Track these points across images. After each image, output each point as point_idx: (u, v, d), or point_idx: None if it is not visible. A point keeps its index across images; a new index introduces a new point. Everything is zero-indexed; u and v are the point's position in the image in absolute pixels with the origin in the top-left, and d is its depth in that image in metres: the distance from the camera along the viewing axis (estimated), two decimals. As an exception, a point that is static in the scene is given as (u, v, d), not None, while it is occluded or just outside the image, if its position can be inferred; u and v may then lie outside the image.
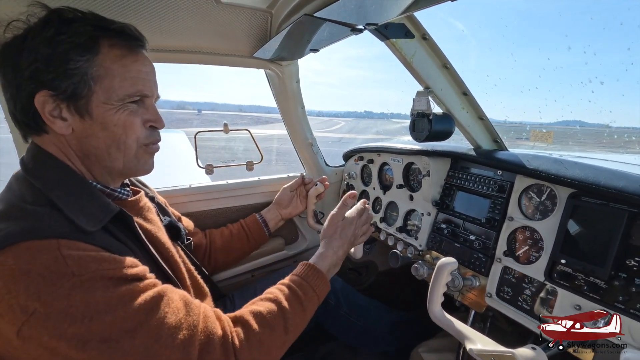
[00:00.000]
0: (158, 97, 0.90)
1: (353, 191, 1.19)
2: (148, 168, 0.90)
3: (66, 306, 0.60)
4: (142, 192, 1.01)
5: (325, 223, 1.12)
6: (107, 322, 0.63)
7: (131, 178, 1.08)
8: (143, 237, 0.84)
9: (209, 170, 1.73)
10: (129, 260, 0.72)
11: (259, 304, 0.89)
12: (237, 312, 0.87)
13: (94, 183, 0.83)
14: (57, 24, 0.73)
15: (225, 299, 1.40)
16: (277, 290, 0.94)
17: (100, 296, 0.63)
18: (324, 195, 1.66)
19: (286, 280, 0.98)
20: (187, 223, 1.37)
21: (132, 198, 0.94)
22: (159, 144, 0.92)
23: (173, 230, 1.09)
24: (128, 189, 0.96)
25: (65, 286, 0.61)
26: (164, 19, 1.14)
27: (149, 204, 1.01)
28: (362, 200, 1.19)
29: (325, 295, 1.00)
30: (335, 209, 1.13)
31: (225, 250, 1.44)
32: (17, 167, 1.34)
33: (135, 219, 0.90)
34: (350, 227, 1.10)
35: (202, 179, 2.12)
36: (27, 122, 0.77)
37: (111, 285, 0.65)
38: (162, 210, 1.13)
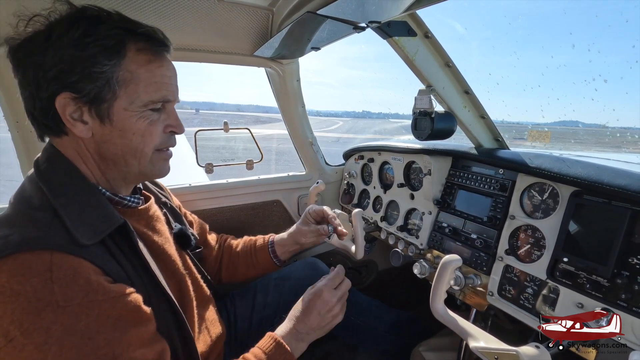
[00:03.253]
0: (178, 101, 0.88)
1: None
2: (163, 172, 0.89)
3: (43, 341, 0.60)
4: (153, 199, 0.99)
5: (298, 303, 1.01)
6: (81, 350, 0.63)
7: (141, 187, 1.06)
8: (145, 253, 0.81)
9: (209, 169, 1.73)
10: (119, 288, 0.69)
11: None
12: None
13: (103, 190, 0.81)
14: (84, 24, 0.71)
15: (225, 299, 1.39)
16: None
17: (79, 328, 0.63)
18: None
19: (252, 358, 0.88)
20: (200, 226, 1.32)
21: (142, 207, 0.92)
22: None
23: (182, 239, 1.06)
24: (139, 195, 0.94)
25: (47, 318, 0.61)
26: (165, 17, 1.14)
27: (158, 213, 0.98)
28: (336, 270, 1.09)
29: None
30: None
31: (230, 269, 1.35)
32: (15, 168, 1.35)
33: (143, 229, 0.89)
34: (319, 314, 0.98)
35: (200, 179, 2.11)
36: (46, 122, 0.75)
37: (94, 317, 0.65)
38: (174, 216, 1.11)
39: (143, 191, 1.00)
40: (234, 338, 1.29)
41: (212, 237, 1.37)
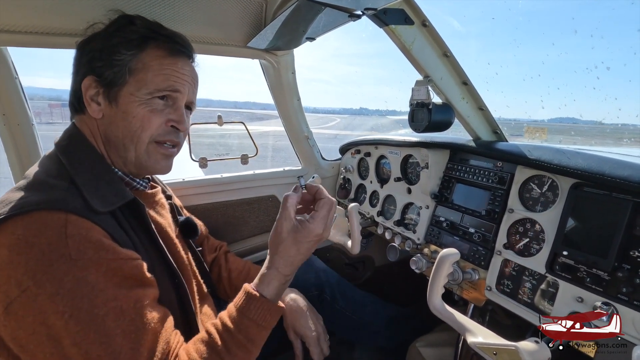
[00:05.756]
0: (194, 105, 0.97)
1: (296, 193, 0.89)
2: (160, 168, 0.92)
3: (55, 291, 0.63)
4: (160, 189, 1.04)
5: (272, 230, 0.86)
6: (93, 301, 0.65)
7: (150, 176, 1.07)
8: (153, 227, 0.86)
9: (203, 163, 1.69)
10: (127, 252, 0.74)
11: (197, 344, 0.77)
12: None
13: (116, 169, 0.88)
14: (121, 25, 0.86)
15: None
16: (215, 332, 0.78)
17: (90, 280, 0.66)
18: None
19: (226, 317, 0.80)
20: (201, 231, 1.32)
21: (150, 191, 0.98)
22: None
23: (188, 228, 1.10)
24: (147, 181, 0.99)
25: (60, 269, 0.63)
26: (155, 5, 1.10)
27: (164, 201, 1.04)
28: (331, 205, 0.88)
29: (277, 319, 0.82)
30: (280, 213, 0.86)
31: (232, 289, 1.27)
32: (4, 165, 1.33)
33: (148, 211, 0.91)
34: (298, 242, 0.84)
35: (194, 174, 2.07)
36: (73, 102, 0.88)
37: (102, 272, 0.68)
38: (177, 212, 1.13)
39: (151, 182, 1.03)
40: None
41: (210, 244, 1.36)
